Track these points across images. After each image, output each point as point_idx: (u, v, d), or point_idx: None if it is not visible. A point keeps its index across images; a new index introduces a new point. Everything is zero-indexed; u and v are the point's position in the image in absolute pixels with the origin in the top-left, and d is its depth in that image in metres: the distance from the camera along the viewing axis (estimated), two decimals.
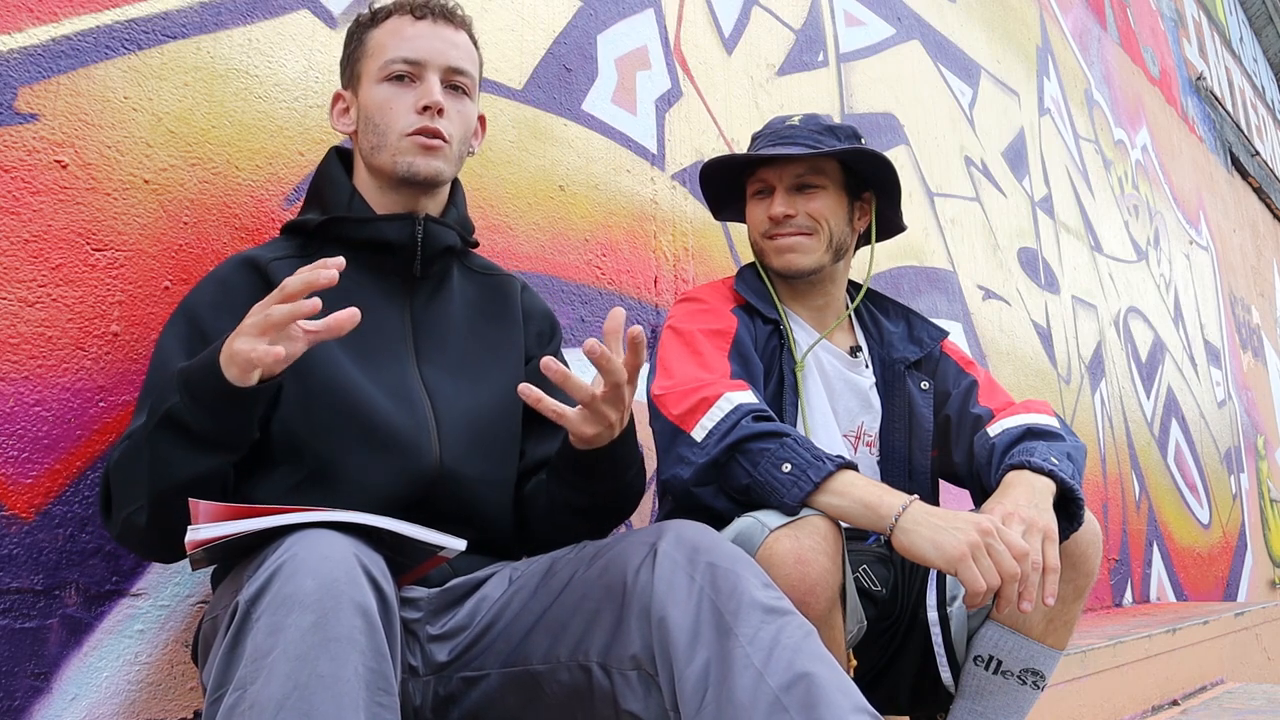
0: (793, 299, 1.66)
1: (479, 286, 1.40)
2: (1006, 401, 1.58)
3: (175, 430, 1.03)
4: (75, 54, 1.34)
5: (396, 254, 1.29)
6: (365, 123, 1.30)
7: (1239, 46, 8.45)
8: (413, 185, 1.29)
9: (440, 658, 1.16)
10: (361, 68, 1.31)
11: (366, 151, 1.30)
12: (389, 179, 1.29)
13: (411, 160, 1.27)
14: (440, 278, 1.35)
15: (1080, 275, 4.56)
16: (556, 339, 1.48)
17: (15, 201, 1.26)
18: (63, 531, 1.24)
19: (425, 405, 1.25)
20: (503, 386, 1.33)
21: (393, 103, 1.27)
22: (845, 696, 0.93)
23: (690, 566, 1.02)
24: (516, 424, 1.36)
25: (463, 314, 1.36)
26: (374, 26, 1.32)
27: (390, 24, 1.31)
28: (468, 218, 1.40)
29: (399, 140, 1.27)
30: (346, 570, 0.88)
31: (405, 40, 1.29)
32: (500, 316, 1.40)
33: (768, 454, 1.27)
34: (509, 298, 1.42)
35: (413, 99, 1.27)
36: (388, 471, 1.19)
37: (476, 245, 1.44)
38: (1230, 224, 7.07)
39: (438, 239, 1.31)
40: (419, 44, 1.28)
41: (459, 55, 1.31)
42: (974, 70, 3.98)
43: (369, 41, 1.31)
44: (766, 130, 1.66)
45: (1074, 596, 1.39)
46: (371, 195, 1.31)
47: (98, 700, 1.26)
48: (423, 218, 1.30)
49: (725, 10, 2.70)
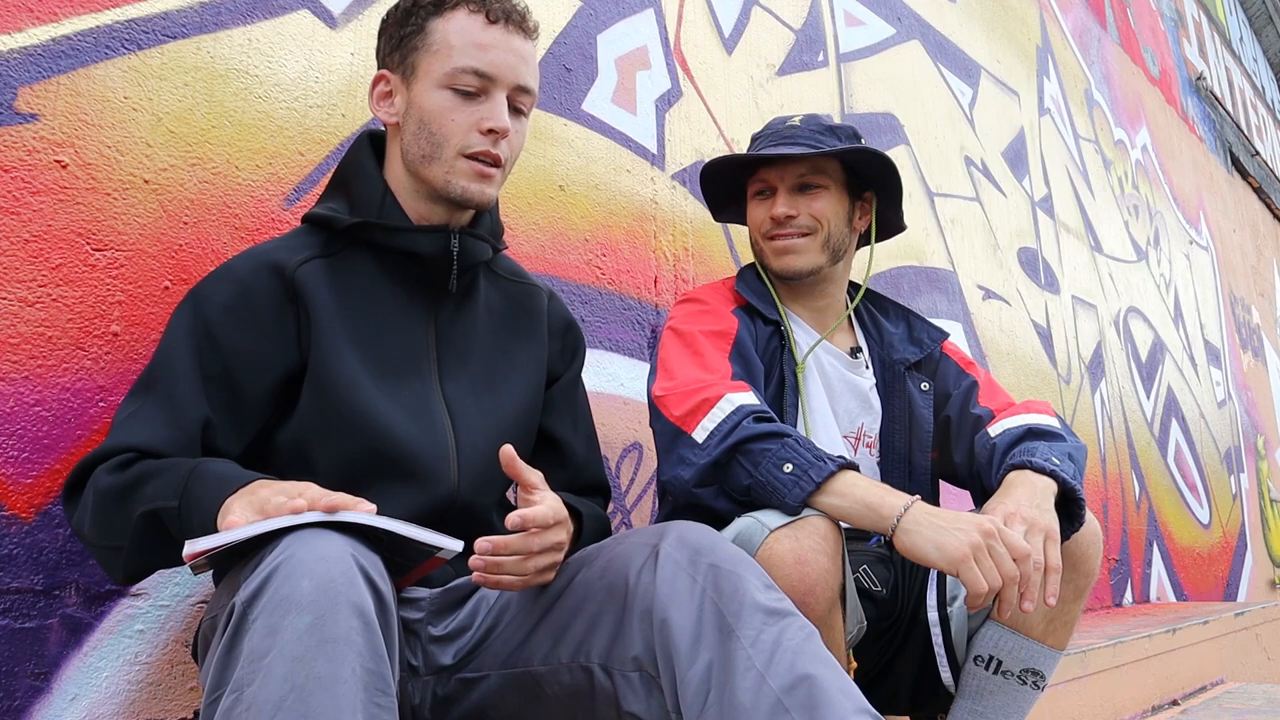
0: (793, 300, 1.66)
1: (505, 296, 1.36)
2: (1007, 402, 1.58)
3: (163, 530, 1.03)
4: (75, 54, 1.34)
5: (428, 266, 1.24)
6: (418, 126, 1.20)
7: (1239, 46, 8.45)
8: (459, 206, 1.23)
9: (444, 660, 1.16)
10: (420, 60, 1.20)
11: (415, 158, 1.21)
12: (432, 191, 1.22)
13: (466, 185, 1.20)
14: (468, 288, 1.30)
15: (1080, 275, 4.55)
16: (580, 356, 1.44)
17: (15, 201, 1.26)
18: (63, 531, 1.24)
19: (446, 428, 1.22)
20: (521, 403, 1.31)
21: (454, 115, 1.19)
22: (847, 698, 0.93)
23: (692, 568, 1.02)
24: (530, 440, 1.34)
25: (487, 326, 1.31)
26: (438, 15, 1.20)
27: (460, 20, 1.19)
28: (499, 222, 1.35)
29: (455, 159, 1.19)
30: (343, 571, 0.87)
31: (478, 49, 1.19)
32: (525, 332, 1.35)
33: (769, 454, 1.27)
34: (535, 312, 1.37)
35: (475, 116, 1.19)
36: (406, 500, 1.17)
37: (505, 248, 1.38)
38: (1230, 224, 7.07)
39: (473, 254, 1.26)
40: (493, 56, 1.19)
41: (528, 72, 1.23)
42: (974, 70, 3.98)
43: (433, 33, 1.20)
44: (767, 130, 1.66)
45: (1074, 596, 1.39)
46: (406, 198, 1.24)
47: (98, 700, 1.25)
48: (457, 231, 1.24)
49: (725, 10, 2.70)
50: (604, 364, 2.09)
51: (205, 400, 1.12)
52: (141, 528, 1.02)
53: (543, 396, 1.36)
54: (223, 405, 1.13)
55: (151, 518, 1.02)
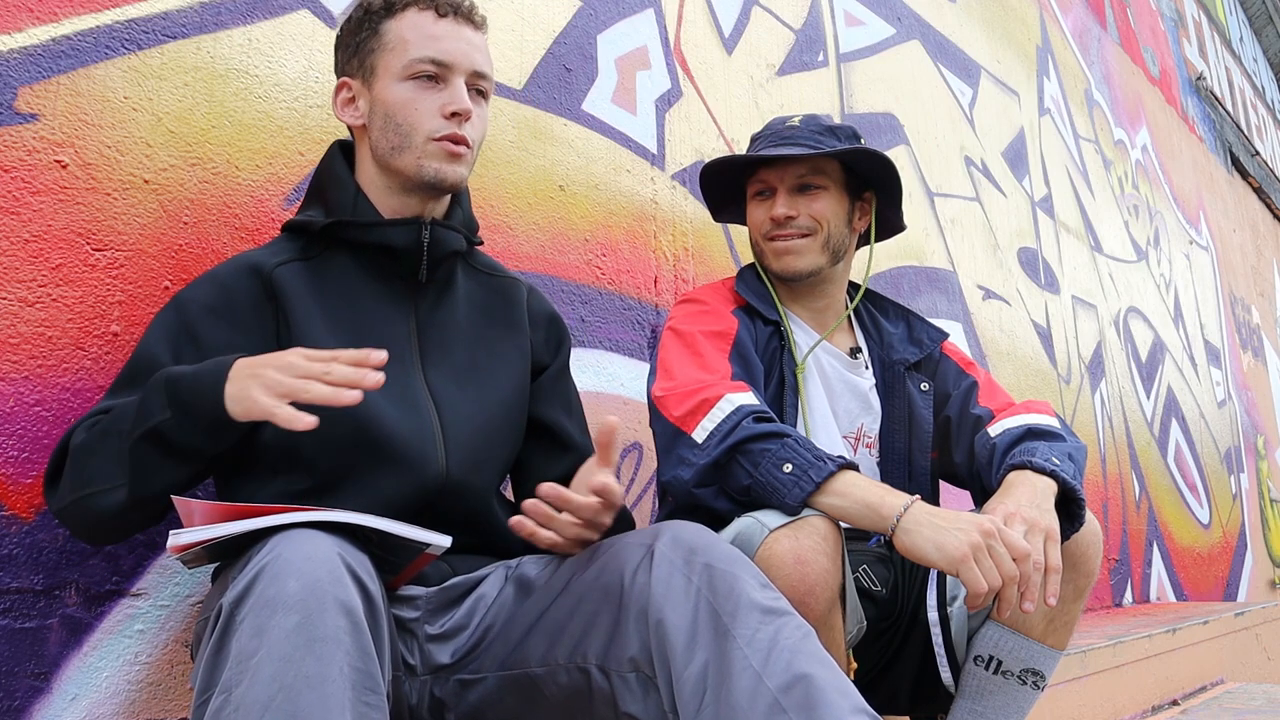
0: (793, 300, 1.66)
1: (483, 288, 1.39)
2: (1007, 402, 1.58)
3: (160, 443, 1.04)
4: (75, 54, 1.34)
5: (401, 258, 1.27)
6: (385, 121, 1.25)
7: (1239, 46, 8.45)
8: (432, 190, 1.27)
9: (441, 659, 1.16)
10: (378, 60, 1.26)
11: (385, 151, 1.26)
12: (405, 181, 1.26)
13: (439, 166, 1.24)
14: (445, 280, 1.34)
15: (1080, 275, 4.56)
16: (565, 346, 1.47)
17: (15, 201, 1.26)
18: (63, 531, 1.24)
19: (432, 414, 1.25)
20: (506, 392, 1.33)
21: (418, 104, 1.24)
22: (844, 697, 0.93)
23: (687, 568, 1.02)
24: (520, 430, 1.36)
25: (467, 317, 1.34)
26: (389, 17, 1.27)
27: (410, 18, 1.26)
28: (473, 217, 1.39)
29: (425, 144, 1.24)
30: (330, 570, 0.88)
31: (431, 39, 1.25)
32: (505, 321, 1.38)
33: (769, 454, 1.27)
34: (515, 303, 1.40)
35: (438, 102, 1.24)
36: (396, 484, 1.19)
37: (481, 243, 1.42)
38: (1230, 224, 7.07)
39: (444, 244, 1.29)
40: (446, 45, 1.25)
41: (482, 59, 1.29)
42: (974, 70, 3.98)
43: (386, 33, 1.26)
44: (767, 131, 1.66)
45: (1074, 596, 1.39)
46: (378, 195, 1.28)
47: (98, 700, 1.25)
48: (428, 222, 1.28)
49: (725, 10, 2.70)
50: (604, 364, 2.09)
51: None
52: (141, 453, 1.04)
53: (529, 385, 1.38)
54: None
55: (150, 439, 1.03)
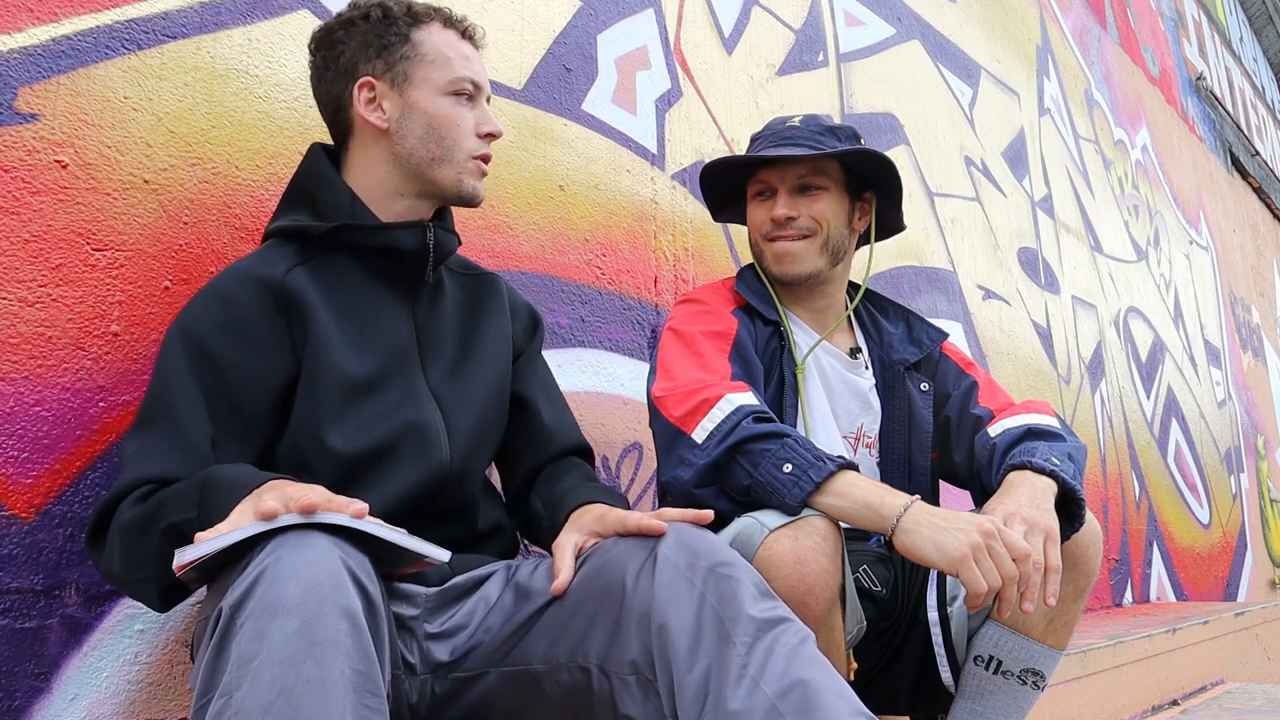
0: (793, 301, 1.66)
1: (464, 287, 1.42)
2: (1006, 402, 1.58)
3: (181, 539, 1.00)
4: (75, 54, 1.34)
5: (405, 261, 1.29)
6: (426, 131, 1.27)
7: (1239, 46, 8.45)
8: (461, 202, 1.33)
9: (441, 657, 1.16)
10: (414, 69, 1.27)
11: (422, 160, 1.28)
12: (434, 190, 1.30)
13: (475, 184, 1.32)
14: (437, 281, 1.37)
15: (1080, 275, 4.55)
16: (540, 332, 1.52)
17: (15, 201, 1.26)
18: (63, 531, 1.24)
19: (435, 411, 1.28)
20: (494, 383, 1.37)
21: (460, 121, 1.29)
22: (842, 701, 0.93)
23: (690, 571, 1.02)
24: (505, 414, 1.41)
25: (455, 316, 1.38)
26: (416, 26, 1.28)
27: (439, 33, 1.29)
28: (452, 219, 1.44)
29: (466, 160, 1.30)
30: (330, 574, 0.88)
31: (464, 60, 1.30)
32: (489, 312, 1.42)
33: (769, 455, 1.27)
34: (497, 295, 1.45)
35: (473, 121, 1.31)
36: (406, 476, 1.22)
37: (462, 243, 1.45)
38: (1230, 224, 7.07)
39: (446, 246, 1.33)
40: (475, 67, 1.32)
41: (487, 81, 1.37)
42: (974, 70, 3.98)
43: (421, 44, 1.28)
44: (767, 131, 1.65)
45: (1074, 596, 1.39)
46: (378, 198, 1.29)
47: (98, 700, 1.25)
48: (431, 225, 1.31)
49: (725, 10, 2.70)
50: (604, 364, 2.09)
51: (209, 418, 1.13)
52: (165, 546, 1.01)
53: (510, 368, 1.43)
54: (226, 420, 1.14)
55: (172, 532, 1.01)
